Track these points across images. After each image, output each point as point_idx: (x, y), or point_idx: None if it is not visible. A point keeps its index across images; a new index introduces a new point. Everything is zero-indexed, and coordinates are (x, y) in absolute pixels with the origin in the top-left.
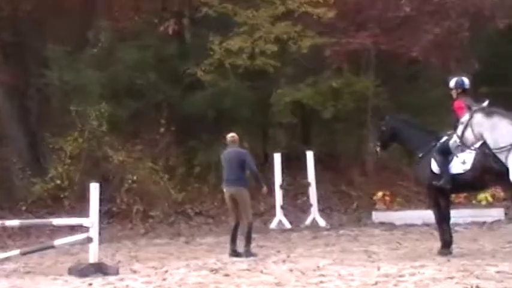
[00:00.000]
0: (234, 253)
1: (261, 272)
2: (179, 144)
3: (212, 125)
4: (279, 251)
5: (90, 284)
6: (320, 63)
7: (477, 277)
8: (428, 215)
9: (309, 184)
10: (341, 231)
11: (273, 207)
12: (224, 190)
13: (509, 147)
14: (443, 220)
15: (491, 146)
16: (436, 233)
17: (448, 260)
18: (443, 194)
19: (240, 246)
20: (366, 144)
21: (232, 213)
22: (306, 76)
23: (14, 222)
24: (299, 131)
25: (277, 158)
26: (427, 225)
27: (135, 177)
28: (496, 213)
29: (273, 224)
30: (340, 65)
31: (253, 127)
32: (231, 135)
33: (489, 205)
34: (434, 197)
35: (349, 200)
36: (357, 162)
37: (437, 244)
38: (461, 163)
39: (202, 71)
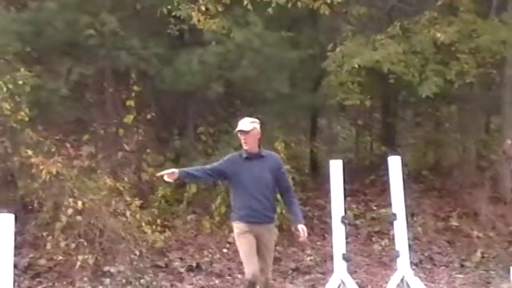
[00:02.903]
0: None
1: None
2: (160, 145)
3: (218, 110)
4: None
5: None
6: None
7: None
8: None
9: (393, 216)
10: None
11: (328, 257)
12: (240, 226)
13: None
14: None
15: None
16: None
17: None
18: None
19: None
20: (502, 143)
21: (250, 263)
22: (388, 22)
23: None
24: (375, 121)
25: (335, 168)
26: None
27: (80, 204)
28: None
29: None
30: None
31: (292, 113)
32: (250, 123)
33: None
34: None
35: (468, 245)
36: (483, 176)
37: None
38: None
39: (200, 14)
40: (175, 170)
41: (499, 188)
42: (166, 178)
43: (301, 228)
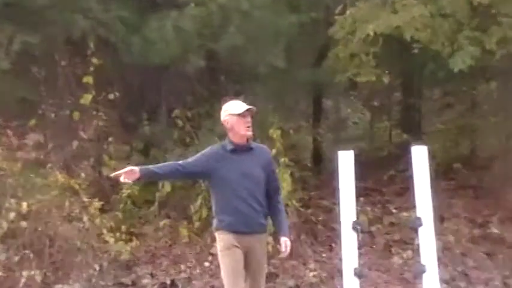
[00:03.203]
0: None
1: None
2: (125, 132)
3: (198, 88)
4: None
5: None
6: None
7: None
8: None
9: (418, 222)
10: None
11: (336, 272)
12: (225, 238)
13: None
14: None
15: None
16: None
17: None
18: None
19: None
20: None
21: (236, 283)
22: None
23: None
24: (395, 101)
25: (345, 161)
26: None
27: (24, 207)
28: None
29: None
30: None
31: (291, 93)
32: (243, 106)
33: None
34: None
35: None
36: None
37: None
38: None
39: None
40: (135, 168)
41: None
42: (123, 179)
43: (284, 242)
